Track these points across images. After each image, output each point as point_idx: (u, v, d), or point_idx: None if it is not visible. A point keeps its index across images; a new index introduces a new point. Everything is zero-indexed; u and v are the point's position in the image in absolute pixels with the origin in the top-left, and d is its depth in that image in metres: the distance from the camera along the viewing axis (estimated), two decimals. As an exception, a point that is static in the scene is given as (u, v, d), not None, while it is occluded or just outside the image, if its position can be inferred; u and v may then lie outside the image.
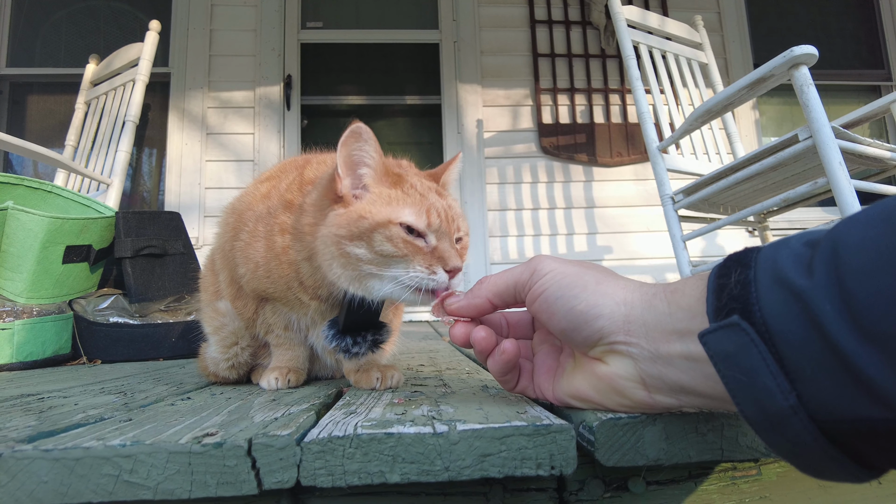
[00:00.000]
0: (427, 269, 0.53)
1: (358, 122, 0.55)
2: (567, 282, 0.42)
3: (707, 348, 0.33)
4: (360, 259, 0.54)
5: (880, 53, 3.58)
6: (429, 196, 0.57)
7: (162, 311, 1.46)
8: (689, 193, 1.81)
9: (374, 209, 0.54)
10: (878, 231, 0.28)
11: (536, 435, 0.38)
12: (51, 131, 3.21)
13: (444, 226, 0.56)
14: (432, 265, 0.53)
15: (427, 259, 0.53)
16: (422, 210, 0.55)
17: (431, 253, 0.54)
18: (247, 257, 0.65)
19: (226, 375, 0.74)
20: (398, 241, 0.53)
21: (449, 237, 0.56)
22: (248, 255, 0.65)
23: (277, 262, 0.62)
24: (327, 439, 0.37)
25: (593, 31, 3.39)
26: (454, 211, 0.59)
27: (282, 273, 0.62)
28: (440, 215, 0.55)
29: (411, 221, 0.54)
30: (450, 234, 0.56)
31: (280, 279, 0.63)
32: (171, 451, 0.36)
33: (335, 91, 3.47)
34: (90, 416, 0.52)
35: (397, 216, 0.54)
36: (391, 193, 0.56)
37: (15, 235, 1.33)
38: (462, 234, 0.60)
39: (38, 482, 0.36)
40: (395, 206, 0.55)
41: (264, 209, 0.65)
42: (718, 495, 0.46)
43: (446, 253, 0.54)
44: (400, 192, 0.56)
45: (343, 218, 0.55)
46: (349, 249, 0.54)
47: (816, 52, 1.39)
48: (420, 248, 0.54)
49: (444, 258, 0.54)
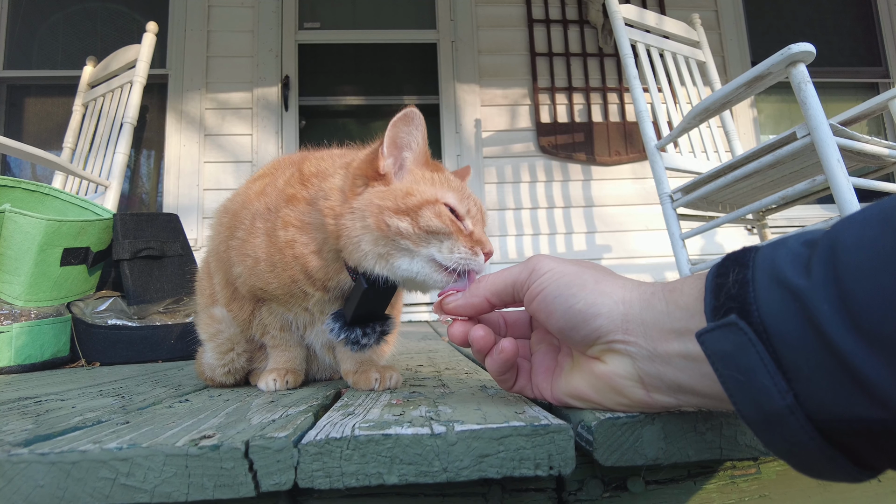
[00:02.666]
0: (471, 250, 0.55)
1: (412, 107, 0.57)
2: (565, 281, 0.42)
3: (704, 347, 0.33)
4: (400, 233, 0.54)
5: (878, 51, 3.59)
6: (462, 189, 0.60)
7: (160, 312, 1.45)
8: (688, 192, 1.81)
9: (420, 188, 0.57)
10: (876, 231, 0.28)
11: (535, 435, 0.38)
12: (48, 134, 3.20)
13: (477, 216, 0.59)
14: (474, 247, 0.56)
15: (468, 240, 0.56)
16: (462, 196, 0.58)
17: (469, 236, 0.56)
18: (244, 255, 0.64)
19: (222, 381, 0.74)
20: (446, 218, 0.55)
21: (481, 226, 0.60)
22: (245, 252, 0.64)
23: (281, 256, 0.62)
24: (325, 441, 0.37)
25: (591, 30, 3.40)
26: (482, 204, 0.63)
27: (286, 267, 0.62)
28: (474, 206, 0.59)
29: (454, 204, 0.57)
30: (483, 223, 0.60)
31: (284, 272, 0.63)
32: (167, 453, 0.36)
33: (333, 92, 3.47)
34: (87, 419, 0.52)
35: (443, 196, 0.56)
36: (433, 177, 0.59)
37: (12, 238, 1.32)
38: (487, 225, 0.63)
39: (34, 486, 0.36)
40: (439, 187, 0.57)
41: (262, 206, 0.65)
42: (718, 494, 0.46)
43: (483, 237, 0.58)
44: (441, 177, 0.59)
45: (388, 193, 0.56)
46: (392, 222, 0.54)
47: (814, 50, 1.39)
48: (462, 230, 0.56)
49: (482, 241, 0.57)
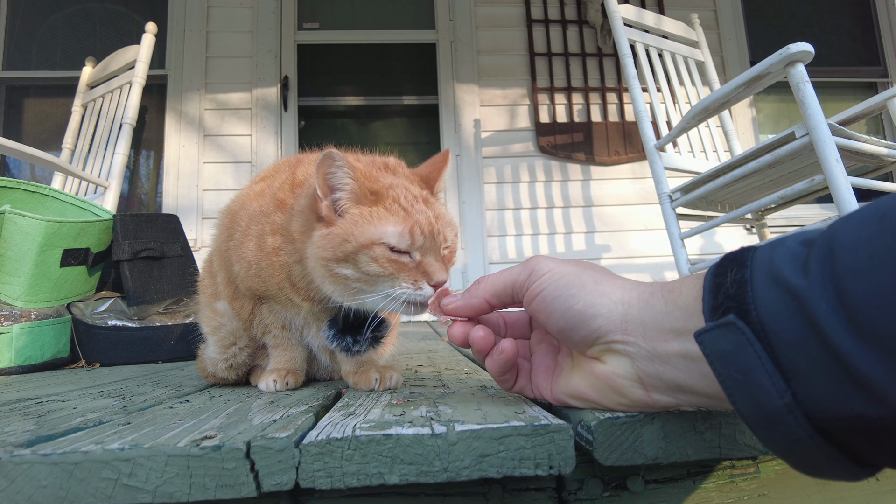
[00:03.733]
0: (413, 285, 0.54)
1: (330, 147, 0.55)
2: (564, 281, 0.42)
3: (703, 347, 0.34)
4: (348, 279, 0.55)
5: (876, 50, 3.59)
6: (413, 210, 0.56)
7: (160, 313, 1.45)
8: (687, 191, 1.82)
9: (356, 230, 0.55)
10: (873, 230, 0.28)
11: (535, 435, 0.38)
12: (48, 134, 3.20)
13: (429, 241, 0.56)
14: (417, 280, 0.54)
15: (412, 274, 0.54)
16: (405, 229, 0.54)
17: (416, 268, 0.55)
18: (240, 256, 0.65)
19: (224, 376, 0.74)
20: (383, 262, 0.54)
21: (434, 251, 0.56)
22: (241, 253, 0.65)
23: (268, 262, 0.62)
24: (326, 441, 0.37)
25: (590, 30, 3.40)
26: (442, 221, 0.58)
27: (272, 273, 0.62)
28: (424, 231, 0.55)
29: (394, 243, 0.54)
30: (435, 248, 0.57)
31: (271, 279, 0.63)
32: (169, 454, 0.36)
33: (332, 92, 3.47)
34: (89, 419, 0.52)
35: (380, 236, 0.54)
36: (372, 212, 0.56)
37: (12, 239, 1.32)
38: (449, 242, 0.59)
39: (37, 486, 0.36)
40: (377, 225, 0.55)
41: (257, 208, 0.65)
42: (717, 493, 0.46)
43: (430, 268, 0.55)
44: (382, 210, 0.56)
45: (327, 240, 0.55)
46: (337, 271, 0.55)
47: (812, 50, 1.39)
48: (405, 265, 0.55)
49: (429, 273, 0.55)
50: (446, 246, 0.58)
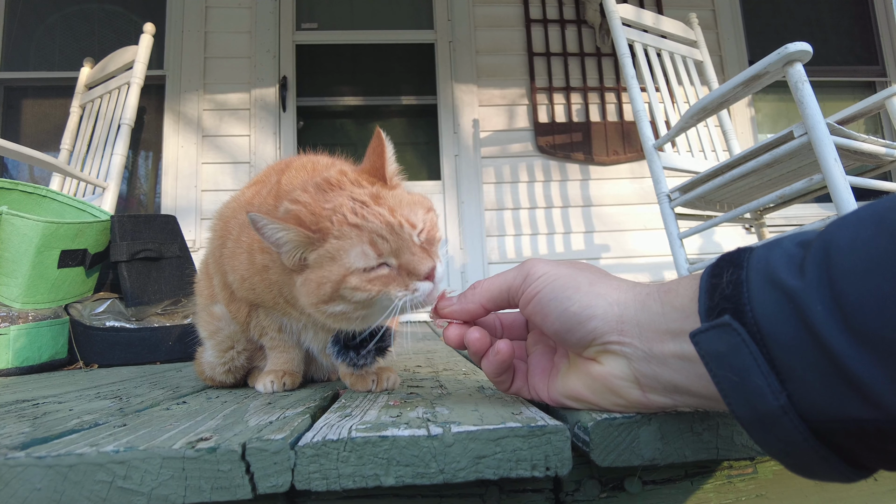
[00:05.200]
0: (406, 290, 0.52)
1: (250, 212, 0.52)
2: (560, 284, 0.42)
3: (698, 348, 0.33)
4: (345, 312, 0.54)
5: (874, 49, 3.59)
6: (365, 220, 0.53)
7: (158, 314, 1.45)
8: (686, 191, 1.82)
9: (324, 273, 0.53)
10: (869, 232, 0.28)
11: (531, 436, 0.38)
12: (46, 135, 3.19)
13: (395, 240, 0.52)
14: (408, 284, 0.52)
15: (401, 280, 0.52)
16: (364, 248, 0.52)
17: (400, 271, 0.53)
18: (233, 268, 0.64)
19: (222, 380, 0.74)
20: (365, 286, 0.52)
21: (407, 245, 0.53)
22: (234, 265, 0.64)
23: (260, 279, 0.61)
24: (321, 443, 0.37)
25: (588, 30, 3.40)
26: (401, 209, 0.54)
27: (266, 288, 0.62)
28: (384, 235, 0.52)
29: (362, 265, 0.52)
30: (407, 242, 0.53)
31: (265, 294, 0.62)
32: (164, 456, 0.36)
33: (331, 92, 3.47)
34: (85, 421, 0.52)
35: (347, 267, 0.52)
36: (329, 248, 0.53)
37: (10, 240, 1.32)
38: (420, 224, 0.55)
39: (31, 489, 0.36)
40: (338, 259, 0.52)
41: (245, 218, 0.63)
42: (715, 494, 0.46)
43: (412, 264, 0.52)
44: (334, 241, 0.53)
45: (306, 287, 0.54)
46: (331, 311, 0.54)
47: (810, 49, 1.39)
48: (389, 276, 0.52)
49: (414, 270, 0.52)
50: (419, 230, 0.54)
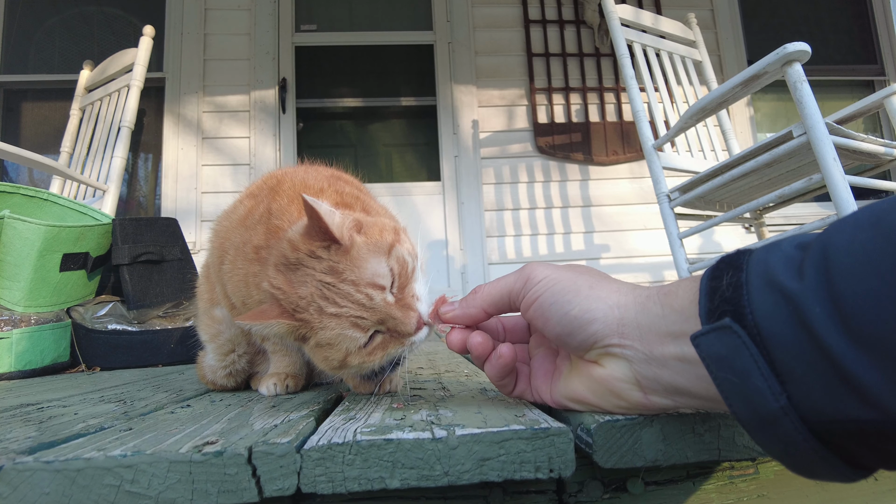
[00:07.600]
0: (405, 346, 0.52)
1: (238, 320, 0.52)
2: (560, 287, 0.42)
3: (699, 350, 0.34)
4: (360, 372, 0.54)
5: (873, 48, 3.60)
6: (339, 308, 0.49)
7: (160, 317, 1.46)
8: (685, 191, 1.82)
9: (326, 353, 0.52)
10: (867, 234, 0.28)
11: (535, 438, 0.39)
12: (46, 138, 3.20)
13: (373, 314, 0.50)
14: (401, 339, 0.52)
15: (397, 339, 0.52)
16: (352, 332, 0.50)
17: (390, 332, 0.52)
18: (233, 290, 0.63)
19: (224, 383, 0.74)
20: (367, 357, 0.51)
21: (386, 312, 0.50)
22: (233, 288, 0.63)
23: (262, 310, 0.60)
24: (327, 446, 0.37)
25: (587, 31, 3.40)
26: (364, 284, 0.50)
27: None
28: (362, 315, 0.50)
29: (355, 346, 0.51)
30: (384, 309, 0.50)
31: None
32: (171, 460, 0.37)
33: (330, 94, 3.47)
34: (90, 425, 0.52)
35: (346, 350, 0.51)
36: (320, 339, 0.52)
37: (12, 244, 1.32)
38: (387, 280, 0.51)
39: (40, 494, 0.36)
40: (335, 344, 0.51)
41: (240, 240, 0.62)
42: (717, 494, 0.46)
43: (397, 328, 0.51)
44: (323, 333, 0.51)
45: (316, 357, 0.54)
46: (343, 373, 0.55)
47: (809, 49, 1.40)
48: (385, 340, 0.52)
49: (402, 332, 0.51)
50: (391, 284, 0.51)
